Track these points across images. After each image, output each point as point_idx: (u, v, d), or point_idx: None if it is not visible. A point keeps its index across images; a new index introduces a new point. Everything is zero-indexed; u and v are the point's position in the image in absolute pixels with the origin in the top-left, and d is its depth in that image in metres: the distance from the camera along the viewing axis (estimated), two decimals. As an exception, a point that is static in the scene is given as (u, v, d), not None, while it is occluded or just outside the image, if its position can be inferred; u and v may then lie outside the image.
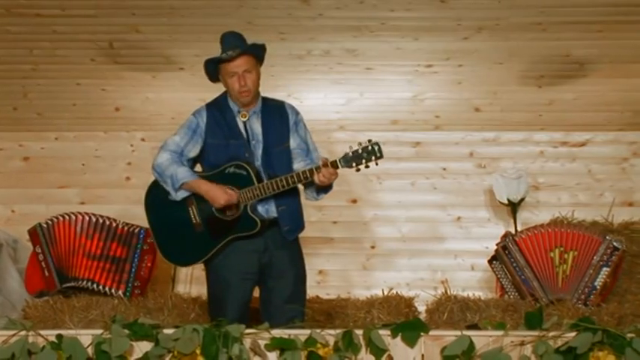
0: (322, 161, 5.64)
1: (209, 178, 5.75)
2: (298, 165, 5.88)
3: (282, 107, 5.99)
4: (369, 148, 5.65)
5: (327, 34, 7.75)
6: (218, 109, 5.86)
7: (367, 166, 5.68)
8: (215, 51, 6.77)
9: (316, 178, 5.62)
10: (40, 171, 8.78)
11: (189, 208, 5.76)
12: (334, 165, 5.63)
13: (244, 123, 5.84)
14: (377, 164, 5.73)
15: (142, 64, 8.04)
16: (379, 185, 8.70)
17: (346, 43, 7.86)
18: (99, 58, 7.97)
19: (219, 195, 5.66)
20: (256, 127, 5.86)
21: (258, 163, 5.79)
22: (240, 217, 5.70)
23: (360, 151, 5.66)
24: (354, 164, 5.66)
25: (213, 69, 5.87)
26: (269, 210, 5.77)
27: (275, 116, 5.93)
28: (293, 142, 5.92)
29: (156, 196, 5.87)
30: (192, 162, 5.91)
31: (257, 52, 5.86)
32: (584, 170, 8.71)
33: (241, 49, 5.79)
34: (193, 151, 5.80)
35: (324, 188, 5.82)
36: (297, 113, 6.01)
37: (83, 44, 7.82)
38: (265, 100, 5.96)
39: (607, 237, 6.72)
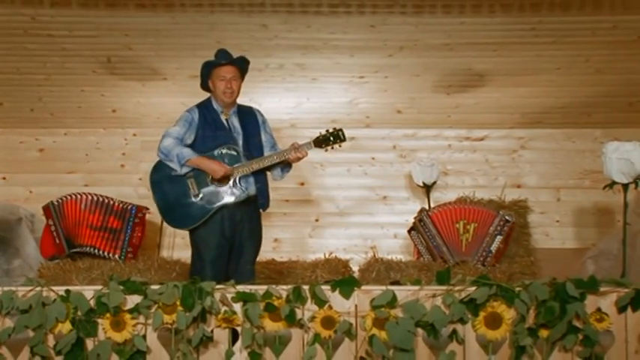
0: (294, 144, 5.75)
1: (207, 156, 5.73)
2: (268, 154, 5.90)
3: (252, 110, 6.01)
4: (335, 133, 5.82)
5: (281, 52, 7.75)
6: (206, 109, 5.85)
7: (333, 148, 5.86)
8: (192, 65, 6.72)
9: (291, 156, 5.72)
10: (52, 160, 8.71)
11: (189, 181, 5.73)
12: (307, 147, 5.75)
13: (226, 120, 5.84)
14: (340, 146, 5.82)
15: (133, 74, 7.99)
16: (322, 171, 8.68)
17: (296, 58, 7.85)
18: (99, 70, 7.91)
19: (217, 168, 5.67)
20: (236, 123, 5.87)
21: (240, 149, 5.79)
22: (230, 187, 5.70)
23: (328, 135, 5.81)
24: (323, 145, 5.82)
25: (207, 72, 5.84)
26: (248, 187, 5.77)
27: (248, 116, 5.95)
28: (264, 137, 5.93)
29: (160, 174, 5.80)
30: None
31: (242, 66, 5.88)
32: (482, 159, 8.76)
33: (232, 60, 5.83)
34: (189, 140, 5.76)
35: (288, 167, 5.90)
36: (262, 115, 6.04)
37: (86, 59, 7.79)
38: (239, 105, 5.96)
39: (500, 212, 6.75)
